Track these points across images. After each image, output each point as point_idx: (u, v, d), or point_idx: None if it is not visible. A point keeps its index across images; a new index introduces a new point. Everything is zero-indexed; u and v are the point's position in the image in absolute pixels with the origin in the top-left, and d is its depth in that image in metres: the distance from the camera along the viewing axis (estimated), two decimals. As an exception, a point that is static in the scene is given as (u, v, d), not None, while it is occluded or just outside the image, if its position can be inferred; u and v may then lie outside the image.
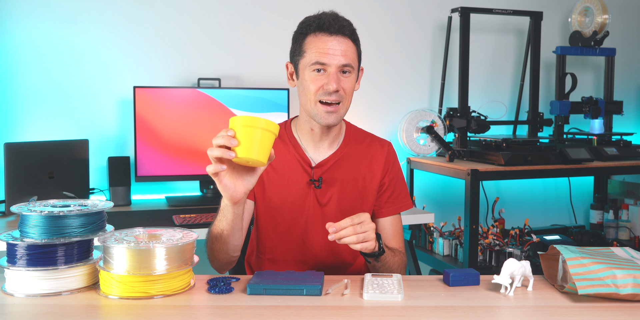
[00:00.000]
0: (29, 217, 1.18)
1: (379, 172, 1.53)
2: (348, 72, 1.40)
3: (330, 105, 1.39)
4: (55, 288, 1.18)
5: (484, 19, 2.99)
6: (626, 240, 2.97)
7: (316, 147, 1.49)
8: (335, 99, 1.39)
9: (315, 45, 1.38)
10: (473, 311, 1.11)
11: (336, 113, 1.40)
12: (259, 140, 1.16)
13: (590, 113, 2.95)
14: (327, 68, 1.38)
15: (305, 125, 1.48)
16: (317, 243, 1.48)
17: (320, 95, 1.39)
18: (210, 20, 2.62)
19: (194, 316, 1.10)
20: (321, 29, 1.38)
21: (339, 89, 1.38)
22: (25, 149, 2.19)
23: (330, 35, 1.37)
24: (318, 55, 1.37)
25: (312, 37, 1.39)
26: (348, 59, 1.38)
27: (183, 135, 2.42)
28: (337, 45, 1.37)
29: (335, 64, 1.37)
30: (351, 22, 1.43)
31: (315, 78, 1.39)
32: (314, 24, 1.39)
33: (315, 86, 1.38)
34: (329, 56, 1.36)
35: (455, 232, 2.75)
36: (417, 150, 2.81)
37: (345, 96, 1.41)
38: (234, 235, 1.33)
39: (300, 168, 1.48)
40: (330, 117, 1.40)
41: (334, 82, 1.37)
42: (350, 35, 1.40)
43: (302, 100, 1.43)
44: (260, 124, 1.16)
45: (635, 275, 1.14)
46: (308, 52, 1.39)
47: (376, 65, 2.93)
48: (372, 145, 1.55)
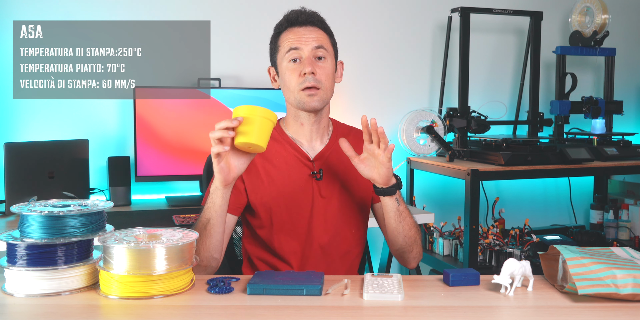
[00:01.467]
0: (29, 217, 1.18)
1: None
2: (323, 58, 1.45)
3: (310, 89, 1.43)
4: (55, 288, 1.17)
5: (484, 19, 2.99)
6: (626, 240, 2.96)
7: (309, 142, 1.53)
8: (312, 83, 1.42)
9: (287, 37, 1.45)
10: (473, 311, 1.11)
11: (317, 95, 1.44)
12: (263, 128, 1.24)
13: (591, 113, 2.95)
14: (301, 53, 1.43)
15: (294, 122, 1.51)
16: (322, 235, 1.50)
17: (300, 82, 1.43)
18: (210, 20, 2.62)
19: (194, 316, 1.10)
20: (290, 23, 1.46)
21: (314, 72, 1.42)
22: (25, 149, 2.19)
23: (300, 26, 1.45)
24: (289, 42, 1.44)
25: (284, 33, 1.47)
26: (320, 42, 1.45)
27: (183, 135, 2.42)
28: (307, 33, 1.45)
29: (308, 48, 1.43)
30: (319, 14, 1.50)
31: (293, 68, 1.44)
32: (283, 22, 1.47)
33: (295, 75, 1.44)
34: (300, 42, 1.43)
35: (455, 232, 2.75)
36: (417, 150, 2.81)
37: (324, 82, 1.44)
38: (219, 226, 1.36)
39: (300, 163, 1.50)
40: (313, 100, 1.43)
41: (309, 65, 1.42)
42: (320, 24, 1.48)
43: (286, 94, 1.48)
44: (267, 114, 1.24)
45: (635, 275, 1.14)
46: (282, 45, 1.46)
47: (376, 65, 2.93)
48: (358, 136, 1.58)
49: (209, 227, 1.35)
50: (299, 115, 1.49)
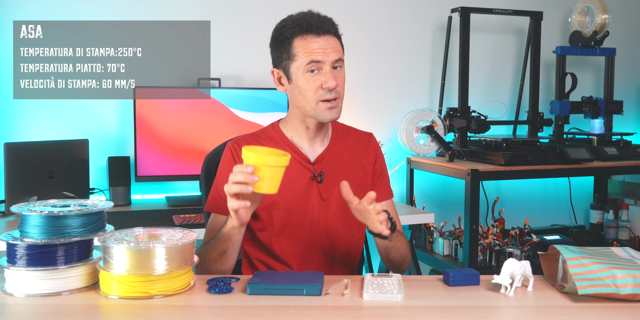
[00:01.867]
0: (29, 217, 1.18)
1: (370, 162, 1.58)
2: (339, 67, 1.44)
3: (330, 101, 1.42)
4: (55, 288, 1.17)
5: (484, 19, 2.99)
6: (626, 240, 2.96)
7: (310, 144, 1.52)
8: (334, 96, 1.42)
9: (305, 47, 1.40)
10: (473, 311, 1.11)
11: (337, 108, 1.44)
12: (275, 176, 1.22)
13: (591, 113, 2.95)
14: (322, 66, 1.40)
15: (299, 124, 1.50)
16: (323, 238, 1.50)
17: (320, 95, 1.41)
18: (210, 20, 2.62)
19: (194, 316, 1.10)
20: (309, 30, 1.40)
21: (337, 86, 1.41)
22: (25, 149, 2.19)
23: (319, 36, 1.41)
24: (312, 55, 1.40)
25: (299, 39, 1.41)
26: (339, 54, 1.43)
27: (183, 135, 2.42)
28: (327, 44, 1.41)
29: (329, 61, 1.40)
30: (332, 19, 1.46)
31: (312, 79, 1.41)
32: (298, 27, 1.41)
33: (314, 86, 1.41)
34: (322, 54, 1.40)
35: (455, 232, 2.75)
36: (417, 150, 2.81)
37: (341, 91, 1.45)
38: (235, 254, 1.39)
39: (300, 166, 1.49)
40: (333, 113, 1.43)
41: (333, 79, 1.40)
42: (335, 32, 1.45)
43: (300, 103, 1.45)
44: (279, 162, 1.22)
45: (635, 275, 1.14)
46: (299, 55, 1.40)
47: (376, 65, 2.93)
48: (358, 137, 1.60)
49: (225, 257, 1.37)
50: (307, 120, 1.48)
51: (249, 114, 2.50)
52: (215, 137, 2.42)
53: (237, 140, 1.53)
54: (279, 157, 1.22)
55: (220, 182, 1.49)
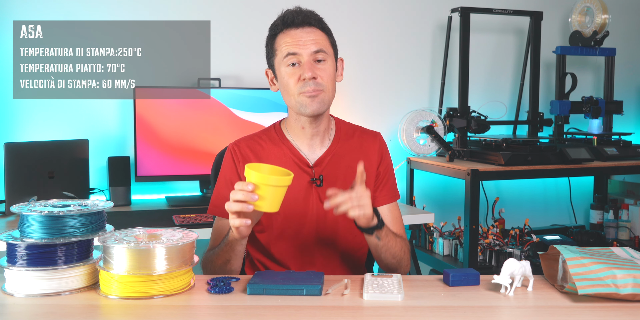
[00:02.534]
0: (29, 217, 1.18)
1: (375, 163, 1.54)
2: (323, 60, 1.41)
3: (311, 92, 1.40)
4: (55, 288, 1.18)
5: (484, 19, 2.99)
6: (626, 240, 2.96)
7: (309, 146, 1.50)
8: (314, 88, 1.39)
9: (284, 40, 1.40)
10: (473, 311, 1.11)
11: (318, 98, 1.40)
12: (276, 195, 1.22)
13: (591, 113, 2.95)
14: (300, 58, 1.39)
15: (295, 125, 1.48)
16: (323, 241, 1.49)
17: (300, 87, 1.40)
18: (210, 20, 2.62)
19: (194, 316, 1.10)
20: (286, 25, 1.41)
21: (315, 77, 1.39)
22: (25, 149, 2.19)
23: (297, 28, 1.40)
24: (287, 47, 1.39)
25: (281, 35, 1.42)
26: (319, 45, 1.40)
27: (183, 135, 2.42)
28: (305, 35, 1.40)
29: (307, 52, 1.39)
30: (316, 13, 1.45)
31: (291, 72, 1.40)
32: (279, 23, 1.42)
33: (294, 79, 1.40)
34: (298, 46, 1.39)
35: (455, 232, 2.75)
36: (417, 150, 2.81)
37: (326, 84, 1.41)
38: (239, 261, 1.40)
39: (299, 169, 1.48)
40: (314, 103, 1.40)
41: (309, 70, 1.38)
42: (317, 24, 1.42)
43: (286, 98, 1.45)
44: (281, 182, 1.21)
45: (635, 275, 1.14)
46: (279, 49, 1.41)
47: (376, 65, 2.93)
48: (364, 137, 1.57)
49: (229, 265, 1.39)
50: (300, 119, 1.46)
51: (249, 114, 2.50)
52: (215, 137, 2.42)
53: (237, 141, 1.52)
54: (281, 177, 1.21)
55: (221, 184, 1.49)
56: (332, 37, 1.47)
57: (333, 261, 1.52)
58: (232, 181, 1.46)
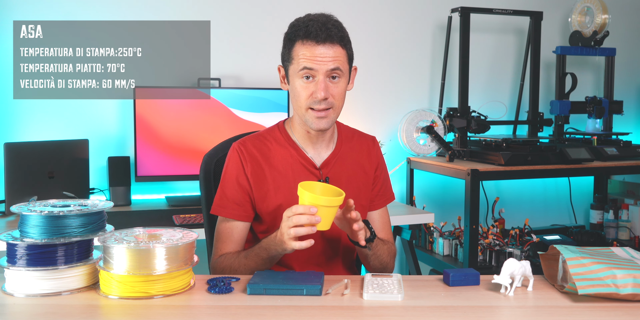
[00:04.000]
0: (29, 217, 1.18)
1: (372, 167, 1.56)
2: (338, 77, 1.40)
3: (319, 111, 1.40)
4: (55, 288, 1.18)
5: (484, 19, 2.99)
6: (626, 240, 2.96)
7: (315, 148, 1.50)
8: (324, 106, 1.39)
9: (302, 53, 1.37)
10: (473, 311, 1.11)
11: (326, 118, 1.41)
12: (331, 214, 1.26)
13: (595, 113, 2.95)
14: (316, 74, 1.37)
15: (300, 128, 1.48)
16: (326, 243, 1.49)
17: (310, 102, 1.39)
18: (210, 20, 2.62)
19: (194, 316, 1.10)
20: (308, 37, 1.37)
21: (327, 97, 1.38)
22: (25, 149, 2.19)
23: (318, 44, 1.36)
24: (305, 61, 1.36)
25: (299, 44, 1.38)
26: (337, 64, 1.38)
27: (183, 135, 2.42)
28: (325, 53, 1.37)
29: (323, 70, 1.37)
30: (341, 26, 1.41)
31: (305, 86, 1.39)
32: (302, 31, 1.38)
33: (305, 94, 1.39)
34: (316, 62, 1.36)
35: (455, 232, 2.75)
36: (417, 150, 2.81)
37: (335, 102, 1.41)
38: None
39: (305, 170, 1.48)
40: (321, 123, 1.41)
41: (322, 90, 1.37)
42: (339, 40, 1.39)
43: (294, 106, 1.44)
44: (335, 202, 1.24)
45: (635, 275, 1.14)
46: (296, 59, 1.38)
47: (376, 65, 2.93)
48: (362, 141, 1.58)
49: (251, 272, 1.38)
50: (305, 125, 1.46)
51: (248, 114, 2.50)
52: (215, 137, 2.41)
53: (243, 141, 1.50)
54: (335, 198, 1.24)
55: (227, 184, 1.47)
56: (350, 50, 1.44)
57: (336, 261, 1.52)
58: (239, 181, 1.45)
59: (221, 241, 1.46)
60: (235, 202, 1.45)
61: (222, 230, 1.47)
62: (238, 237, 1.46)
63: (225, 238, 1.46)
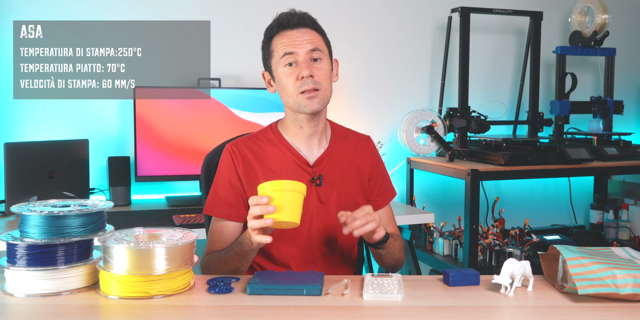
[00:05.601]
0: (29, 217, 1.18)
1: (368, 166, 1.57)
2: (319, 59, 1.44)
3: (309, 91, 1.42)
4: (55, 288, 1.18)
5: (484, 19, 2.99)
6: (626, 240, 2.96)
7: (308, 146, 1.51)
8: (312, 86, 1.41)
9: (281, 41, 1.44)
10: (473, 311, 1.11)
11: (317, 97, 1.42)
12: (293, 202, 1.21)
13: (600, 113, 2.95)
14: (297, 57, 1.42)
15: (293, 125, 1.49)
16: (322, 241, 1.50)
17: (298, 86, 1.42)
18: (210, 20, 2.62)
19: (194, 316, 1.10)
20: (282, 26, 1.44)
21: (312, 75, 1.41)
22: (25, 149, 2.19)
23: (292, 29, 1.43)
24: (284, 47, 1.42)
25: (276, 37, 1.45)
26: (315, 44, 1.43)
27: (183, 135, 2.42)
28: (300, 36, 1.43)
29: (303, 51, 1.42)
30: (309, 14, 1.48)
31: (289, 72, 1.43)
32: (274, 26, 1.46)
33: (292, 79, 1.42)
34: (294, 46, 1.42)
35: (455, 232, 2.75)
36: (417, 150, 2.81)
37: (322, 82, 1.43)
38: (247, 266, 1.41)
39: (299, 168, 1.48)
40: (313, 102, 1.42)
41: (306, 68, 1.40)
42: (312, 24, 1.46)
43: (285, 98, 1.46)
44: (295, 186, 1.22)
45: (635, 275, 1.14)
46: (276, 51, 1.44)
47: (376, 65, 2.93)
48: (356, 140, 1.59)
49: (238, 272, 1.39)
50: (298, 118, 1.48)
51: (248, 114, 2.50)
52: (215, 137, 2.42)
53: (236, 142, 1.52)
54: (293, 182, 1.22)
55: (219, 185, 1.49)
56: (326, 38, 1.50)
57: (333, 260, 1.52)
58: (231, 182, 1.46)
59: (212, 240, 1.48)
60: (227, 202, 1.46)
61: (214, 230, 1.48)
62: (228, 237, 1.46)
63: (216, 238, 1.47)
